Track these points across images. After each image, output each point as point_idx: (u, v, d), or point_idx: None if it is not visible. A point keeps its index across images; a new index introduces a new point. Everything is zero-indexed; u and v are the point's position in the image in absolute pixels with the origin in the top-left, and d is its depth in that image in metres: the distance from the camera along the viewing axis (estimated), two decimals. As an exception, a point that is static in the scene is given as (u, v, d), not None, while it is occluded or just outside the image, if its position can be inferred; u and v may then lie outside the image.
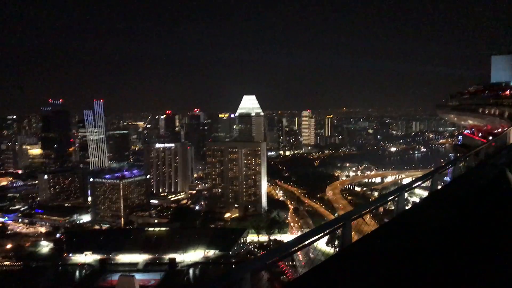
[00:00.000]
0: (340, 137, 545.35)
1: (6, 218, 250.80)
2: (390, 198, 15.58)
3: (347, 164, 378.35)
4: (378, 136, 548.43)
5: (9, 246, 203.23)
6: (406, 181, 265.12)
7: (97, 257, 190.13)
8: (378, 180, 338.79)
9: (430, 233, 11.29)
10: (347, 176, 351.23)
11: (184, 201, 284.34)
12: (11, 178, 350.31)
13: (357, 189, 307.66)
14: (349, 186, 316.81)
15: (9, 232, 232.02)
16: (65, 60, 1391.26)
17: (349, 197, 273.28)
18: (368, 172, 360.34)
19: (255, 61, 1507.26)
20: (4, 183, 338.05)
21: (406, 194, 15.60)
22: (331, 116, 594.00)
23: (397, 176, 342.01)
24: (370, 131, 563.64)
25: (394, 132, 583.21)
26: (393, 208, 19.26)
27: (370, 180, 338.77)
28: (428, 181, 18.81)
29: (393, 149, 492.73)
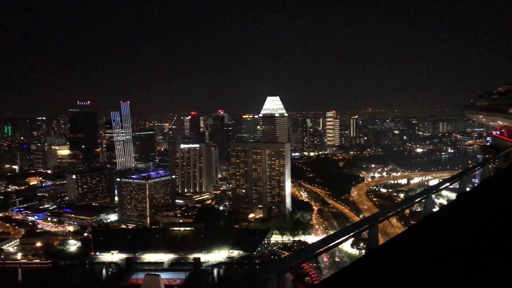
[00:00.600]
0: (365, 138, 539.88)
1: (36, 217, 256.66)
2: (417, 200, 15.31)
3: (372, 165, 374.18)
4: (404, 137, 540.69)
5: (38, 244, 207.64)
6: (433, 182, 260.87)
7: (123, 256, 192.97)
8: (404, 181, 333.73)
9: (460, 236, 11.09)
10: (373, 177, 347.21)
11: (209, 201, 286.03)
12: (40, 178, 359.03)
13: (383, 190, 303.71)
14: (375, 187, 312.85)
15: (38, 230, 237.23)
16: (93, 62, 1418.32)
17: (375, 199, 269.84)
18: (394, 174, 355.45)
19: (279, 62, 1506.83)
20: (34, 182, 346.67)
21: (433, 196, 15.32)
22: (356, 116, 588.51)
23: (423, 177, 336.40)
24: (396, 132, 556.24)
25: (421, 133, 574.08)
26: (419, 210, 18.96)
27: (395, 182, 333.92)
28: (456, 183, 18.44)
29: (419, 150, 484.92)
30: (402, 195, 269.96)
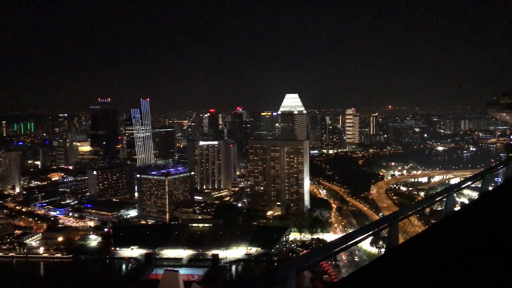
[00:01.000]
0: (385, 136, 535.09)
1: (58, 212, 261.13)
2: (438, 198, 15.05)
3: (392, 163, 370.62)
4: (425, 135, 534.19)
5: (60, 239, 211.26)
6: (454, 181, 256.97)
7: (143, 251, 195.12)
8: (424, 180, 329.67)
9: (482, 236, 10.89)
10: (392, 175, 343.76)
11: (227, 198, 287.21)
12: (62, 174, 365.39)
13: (403, 189, 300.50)
14: (394, 185, 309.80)
15: (60, 225, 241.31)
16: (114, 60, 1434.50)
17: (394, 197, 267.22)
18: (414, 172, 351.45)
19: (299, 59, 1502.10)
20: (56, 178, 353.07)
21: (454, 195, 15.06)
22: (376, 114, 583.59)
23: (444, 176, 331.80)
24: (417, 129, 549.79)
25: (442, 131, 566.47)
26: (440, 209, 18.68)
27: (416, 180, 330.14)
28: (478, 182, 18.09)
29: (440, 148, 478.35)
30: (422, 194, 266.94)
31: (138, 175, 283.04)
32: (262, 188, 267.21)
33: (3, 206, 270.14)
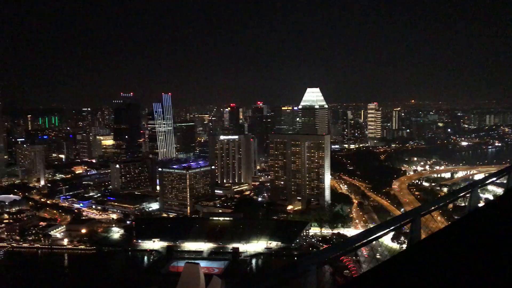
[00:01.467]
0: (408, 131, 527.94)
1: (81, 204, 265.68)
2: (461, 194, 14.77)
3: (415, 159, 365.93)
4: (449, 130, 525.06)
5: (83, 231, 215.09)
6: (478, 177, 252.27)
7: (164, 244, 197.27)
8: (447, 175, 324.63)
9: (508, 232, 10.64)
10: (415, 170, 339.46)
11: (247, 192, 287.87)
12: (85, 167, 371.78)
13: (425, 184, 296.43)
14: (417, 181, 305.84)
15: (83, 217, 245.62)
16: (136, 55, 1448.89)
17: (417, 193, 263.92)
18: (437, 167, 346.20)
19: (320, 53, 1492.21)
20: (80, 171, 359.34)
21: (478, 191, 14.76)
22: (399, 108, 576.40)
23: (468, 171, 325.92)
24: (440, 124, 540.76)
25: (466, 126, 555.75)
26: (464, 205, 18.32)
27: (439, 176, 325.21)
28: (504, 178, 17.69)
29: (464, 143, 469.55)
30: (445, 189, 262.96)
31: (159, 169, 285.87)
32: (282, 182, 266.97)
33: (28, 198, 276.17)
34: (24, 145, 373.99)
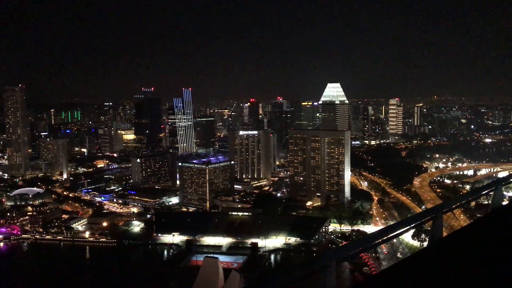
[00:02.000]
0: (429, 127, 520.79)
1: (103, 198, 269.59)
2: (485, 192, 14.43)
3: (437, 155, 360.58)
4: (472, 126, 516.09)
5: (104, 224, 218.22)
6: (502, 175, 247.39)
7: (183, 238, 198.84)
8: (470, 172, 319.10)
9: None
10: (437, 167, 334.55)
11: (266, 188, 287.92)
12: (107, 161, 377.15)
13: (447, 181, 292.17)
14: (439, 178, 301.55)
15: (104, 211, 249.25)
16: (157, 50, 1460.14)
17: (438, 190, 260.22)
18: (460, 164, 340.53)
19: (341, 48, 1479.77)
20: (101, 165, 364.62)
21: (502, 188, 14.40)
22: (421, 104, 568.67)
23: (491, 169, 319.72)
24: (463, 120, 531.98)
25: (490, 122, 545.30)
26: (486, 203, 17.91)
27: (461, 173, 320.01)
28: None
29: (488, 140, 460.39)
30: (467, 187, 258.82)
31: (179, 163, 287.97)
32: (301, 178, 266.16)
33: (51, 191, 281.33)
34: (48, 139, 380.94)
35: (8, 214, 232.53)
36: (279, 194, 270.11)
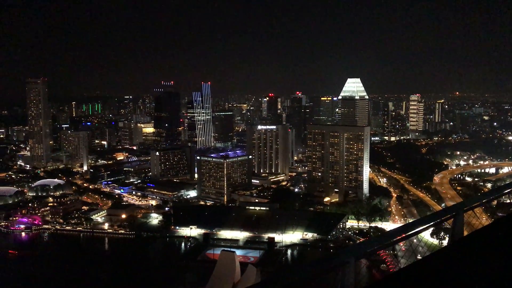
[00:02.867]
0: (451, 124, 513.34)
1: (122, 190, 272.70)
2: (507, 190, 14.06)
3: (458, 153, 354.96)
4: (495, 124, 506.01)
5: (123, 216, 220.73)
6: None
7: (201, 231, 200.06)
8: (492, 170, 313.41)
9: None
10: (457, 165, 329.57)
11: (284, 183, 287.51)
12: (126, 154, 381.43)
13: (468, 179, 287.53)
14: (459, 176, 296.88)
15: (123, 203, 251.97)
16: (177, 45, 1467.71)
17: (459, 188, 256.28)
18: (481, 162, 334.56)
19: (361, 43, 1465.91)
20: (121, 158, 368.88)
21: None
22: (442, 101, 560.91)
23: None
24: (486, 117, 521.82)
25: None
26: (509, 202, 17.50)
27: (483, 171, 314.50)
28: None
29: (511, 137, 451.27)
30: (489, 185, 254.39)
31: (198, 157, 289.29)
32: (319, 174, 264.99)
33: (72, 182, 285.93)
34: (69, 131, 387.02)
35: (30, 204, 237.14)
36: (296, 189, 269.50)
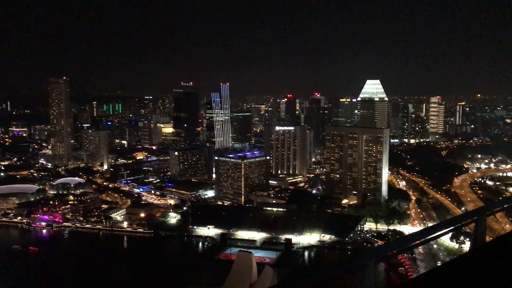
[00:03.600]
0: (472, 126, 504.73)
1: (141, 189, 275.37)
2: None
3: (479, 156, 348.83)
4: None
5: (142, 215, 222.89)
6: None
7: (218, 231, 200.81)
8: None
9: None
10: (478, 168, 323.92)
11: (302, 184, 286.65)
12: (146, 153, 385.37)
13: (489, 183, 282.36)
14: (480, 179, 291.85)
15: (142, 202, 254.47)
16: (196, 45, 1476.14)
17: (479, 192, 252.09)
18: (503, 166, 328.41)
19: (381, 44, 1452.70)
20: (140, 157, 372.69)
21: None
22: (463, 103, 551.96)
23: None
24: (508, 120, 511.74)
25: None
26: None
27: (504, 174, 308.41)
28: None
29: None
30: (511, 189, 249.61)
31: (216, 157, 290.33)
32: (338, 176, 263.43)
33: (92, 181, 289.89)
34: (90, 131, 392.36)
35: (51, 202, 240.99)
36: (314, 191, 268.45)
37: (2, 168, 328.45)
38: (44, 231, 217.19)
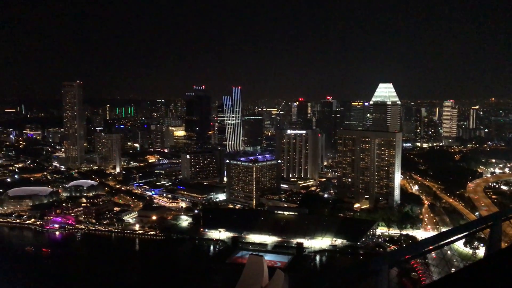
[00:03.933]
0: (486, 130, 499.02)
1: (153, 192, 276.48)
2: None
3: (493, 160, 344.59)
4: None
5: (154, 217, 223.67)
6: None
7: (229, 234, 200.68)
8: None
9: None
10: (492, 173, 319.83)
11: (313, 188, 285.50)
12: (158, 156, 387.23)
13: (504, 188, 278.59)
14: (494, 184, 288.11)
15: (154, 204, 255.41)
16: (208, 49, 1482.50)
17: (494, 196, 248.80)
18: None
19: (393, 47, 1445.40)
20: (152, 160, 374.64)
21: None
22: (477, 107, 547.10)
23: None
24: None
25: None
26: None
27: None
28: None
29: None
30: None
31: (227, 161, 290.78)
32: (350, 180, 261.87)
33: (104, 184, 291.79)
34: (102, 134, 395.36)
35: (64, 204, 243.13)
36: (326, 195, 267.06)
37: (16, 170, 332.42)
38: (57, 233, 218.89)
